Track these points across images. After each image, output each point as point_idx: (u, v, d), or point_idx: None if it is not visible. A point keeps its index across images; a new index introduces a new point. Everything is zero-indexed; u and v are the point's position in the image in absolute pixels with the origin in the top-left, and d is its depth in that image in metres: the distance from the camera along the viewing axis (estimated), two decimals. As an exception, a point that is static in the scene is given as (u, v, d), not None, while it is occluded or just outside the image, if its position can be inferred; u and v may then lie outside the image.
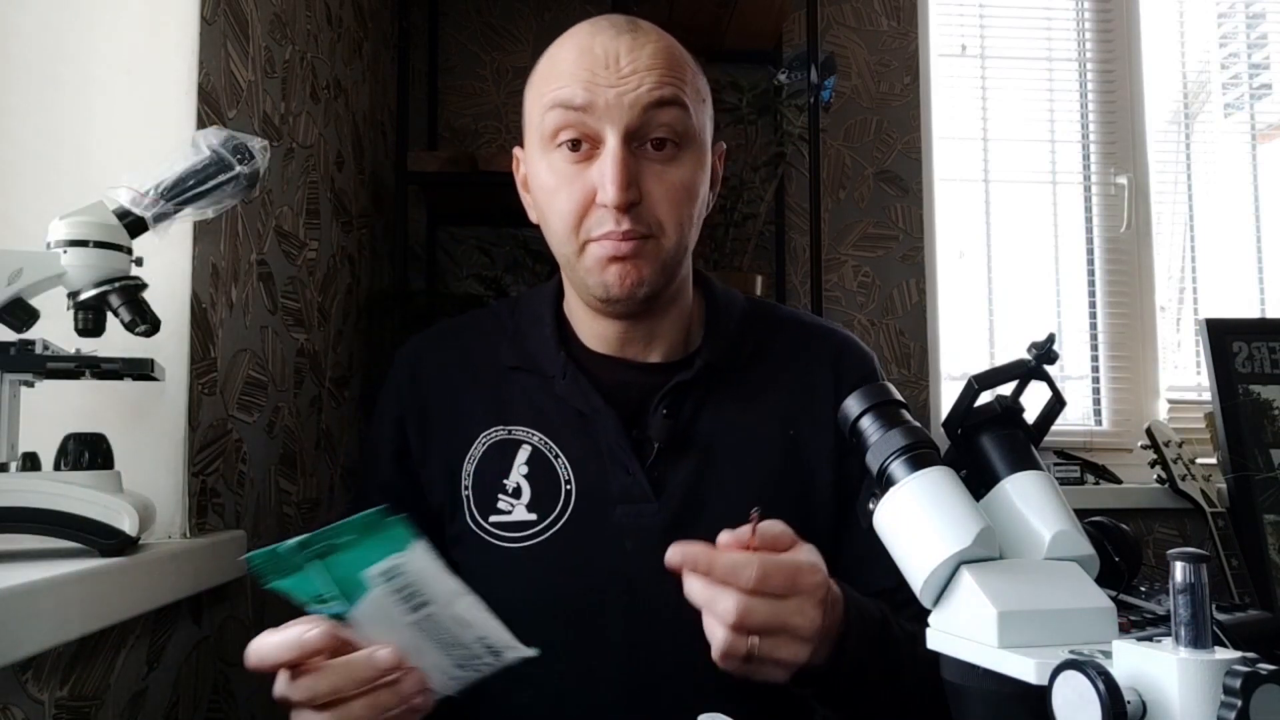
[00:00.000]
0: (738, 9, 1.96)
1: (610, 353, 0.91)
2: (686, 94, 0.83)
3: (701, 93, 0.87)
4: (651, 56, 0.81)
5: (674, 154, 0.83)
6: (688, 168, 0.84)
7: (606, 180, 0.80)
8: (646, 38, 0.83)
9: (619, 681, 0.84)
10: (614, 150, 0.80)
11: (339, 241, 1.58)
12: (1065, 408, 0.65)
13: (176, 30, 0.94)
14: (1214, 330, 2.09)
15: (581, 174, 0.82)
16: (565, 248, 0.85)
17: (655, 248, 0.83)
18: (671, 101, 0.81)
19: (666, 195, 0.82)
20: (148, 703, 0.87)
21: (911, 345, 2.25)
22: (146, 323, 0.77)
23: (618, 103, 0.80)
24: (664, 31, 0.86)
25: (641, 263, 0.83)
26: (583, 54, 0.82)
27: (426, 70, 2.13)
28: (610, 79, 0.80)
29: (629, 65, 0.81)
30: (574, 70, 0.81)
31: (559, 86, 0.81)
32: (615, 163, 0.79)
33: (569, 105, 0.80)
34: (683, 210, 0.84)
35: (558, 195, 0.83)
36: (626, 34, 0.82)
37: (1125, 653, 0.45)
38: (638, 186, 0.81)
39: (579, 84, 0.80)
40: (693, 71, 0.86)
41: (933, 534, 0.55)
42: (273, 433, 1.22)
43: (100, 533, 0.73)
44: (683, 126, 0.82)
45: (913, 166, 2.28)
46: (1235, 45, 2.49)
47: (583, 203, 0.82)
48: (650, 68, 0.81)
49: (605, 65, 0.80)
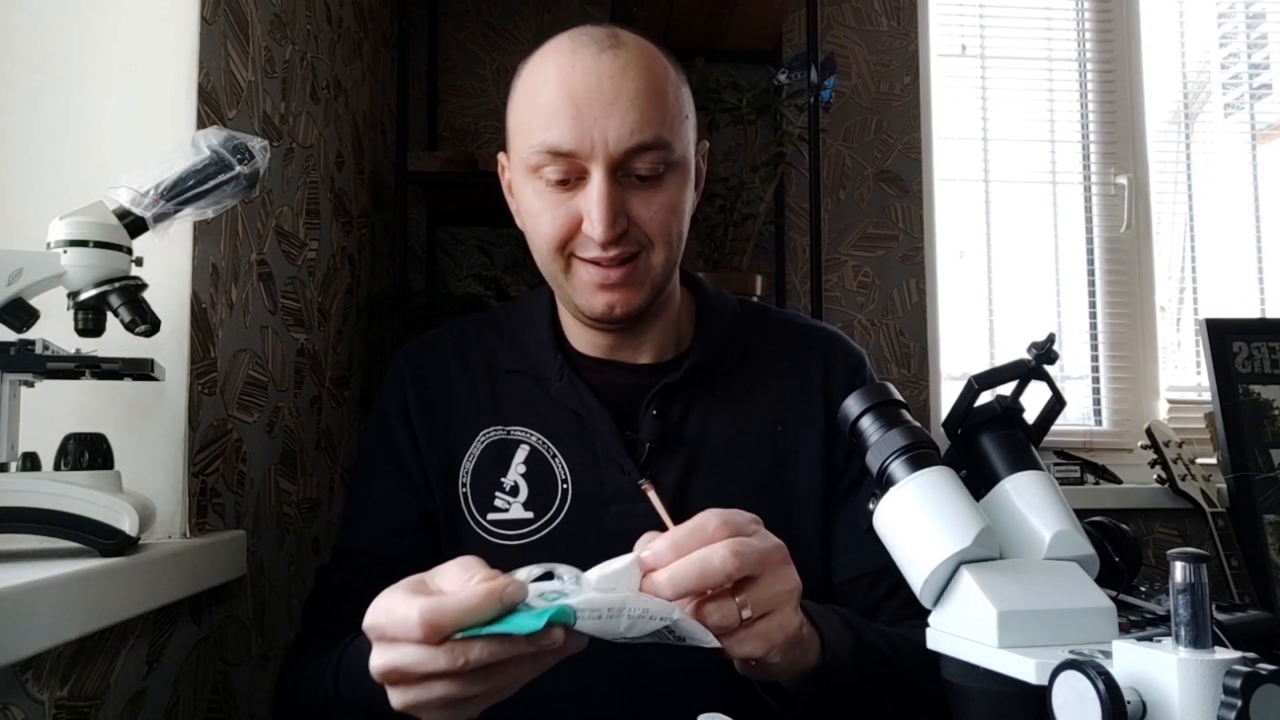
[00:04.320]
0: (737, 9, 1.96)
1: (601, 355, 0.92)
2: (669, 126, 0.82)
3: (684, 110, 0.85)
4: (634, 84, 0.80)
5: (659, 181, 0.83)
6: (674, 189, 0.84)
7: (594, 218, 0.80)
8: (629, 55, 0.81)
9: (615, 682, 0.84)
10: (600, 186, 0.80)
11: (339, 241, 1.58)
12: (1065, 408, 0.65)
13: (176, 30, 0.94)
14: (1214, 330, 2.09)
15: (566, 201, 0.82)
16: (551, 265, 0.86)
17: (645, 264, 0.84)
18: (654, 145, 0.80)
19: (654, 216, 0.83)
20: (148, 703, 0.87)
21: (911, 345, 2.25)
22: (146, 323, 0.77)
23: (602, 141, 0.79)
24: (645, 42, 0.84)
25: (630, 290, 0.84)
26: (563, 80, 0.80)
27: (426, 70, 2.13)
28: (594, 111, 0.79)
29: (611, 91, 0.79)
30: (556, 103, 0.80)
31: (544, 126, 0.80)
32: (602, 199, 0.79)
33: (556, 151, 0.80)
34: (671, 228, 0.84)
35: (542, 219, 0.83)
36: (608, 51, 0.81)
37: (1125, 653, 0.45)
38: (625, 215, 0.81)
39: (565, 123, 0.79)
40: (675, 90, 0.84)
41: (933, 534, 0.55)
42: (273, 433, 1.22)
43: (100, 533, 0.73)
44: (667, 160, 0.82)
45: (913, 166, 2.28)
46: (1235, 45, 2.49)
47: (568, 228, 0.82)
48: (634, 99, 0.79)
49: (586, 92, 0.79)
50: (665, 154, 0.82)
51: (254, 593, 1.14)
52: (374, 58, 1.87)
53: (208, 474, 0.98)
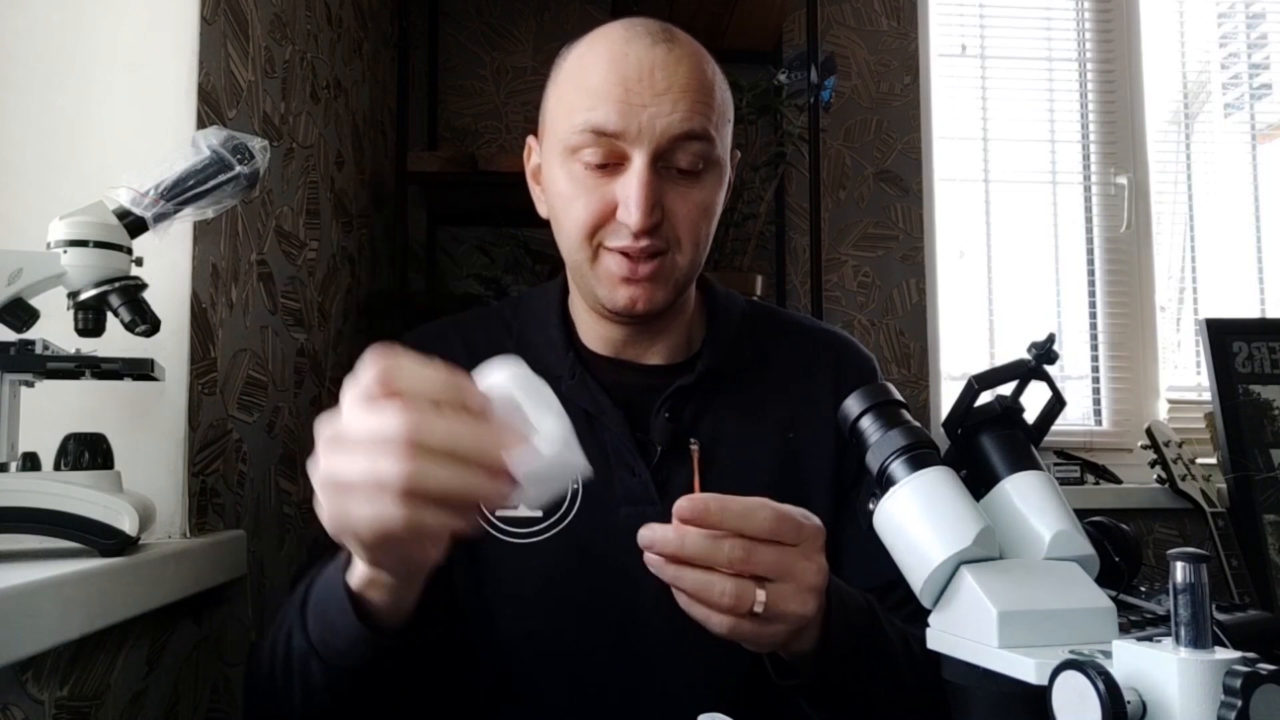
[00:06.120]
0: (738, 9, 1.96)
1: (611, 354, 0.91)
2: (714, 122, 0.82)
3: (727, 112, 0.86)
4: (686, 78, 0.80)
5: (697, 177, 0.82)
6: (710, 189, 0.84)
7: (631, 203, 0.79)
8: (682, 51, 0.82)
9: (620, 682, 0.84)
10: (641, 173, 0.79)
11: (339, 241, 1.58)
12: (1065, 408, 0.65)
13: (176, 30, 0.94)
14: (1214, 330, 2.09)
15: (601, 186, 0.81)
16: (578, 254, 0.84)
17: (670, 264, 0.83)
18: (700, 136, 0.80)
19: (688, 215, 0.82)
20: (148, 703, 0.87)
21: (911, 345, 2.25)
22: (146, 323, 0.77)
23: (649, 126, 0.78)
24: (697, 43, 0.84)
25: (654, 286, 0.83)
26: (615, 64, 0.80)
27: (426, 70, 2.13)
28: (643, 97, 0.79)
29: (663, 82, 0.79)
30: (606, 86, 0.79)
31: (590, 106, 0.80)
32: (641, 186, 0.79)
33: (601, 131, 0.79)
34: (701, 229, 0.84)
35: (575, 203, 0.82)
36: (662, 44, 0.81)
37: (1125, 653, 0.45)
38: (661, 207, 0.81)
39: (612, 105, 0.79)
40: (721, 90, 0.85)
41: (933, 534, 0.55)
42: (273, 433, 1.22)
43: (100, 533, 0.73)
44: (709, 155, 0.82)
45: (913, 166, 2.28)
46: (1235, 45, 2.49)
47: (601, 214, 0.81)
48: (684, 91, 0.79)
49: (639, 79, 0.79)
50: (708, 148, 0.81)
51: (254, 593, 1.14)
52: (374, 58, 1.87)
53: (208, 474, 0.98)
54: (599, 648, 0.84)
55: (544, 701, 0.85)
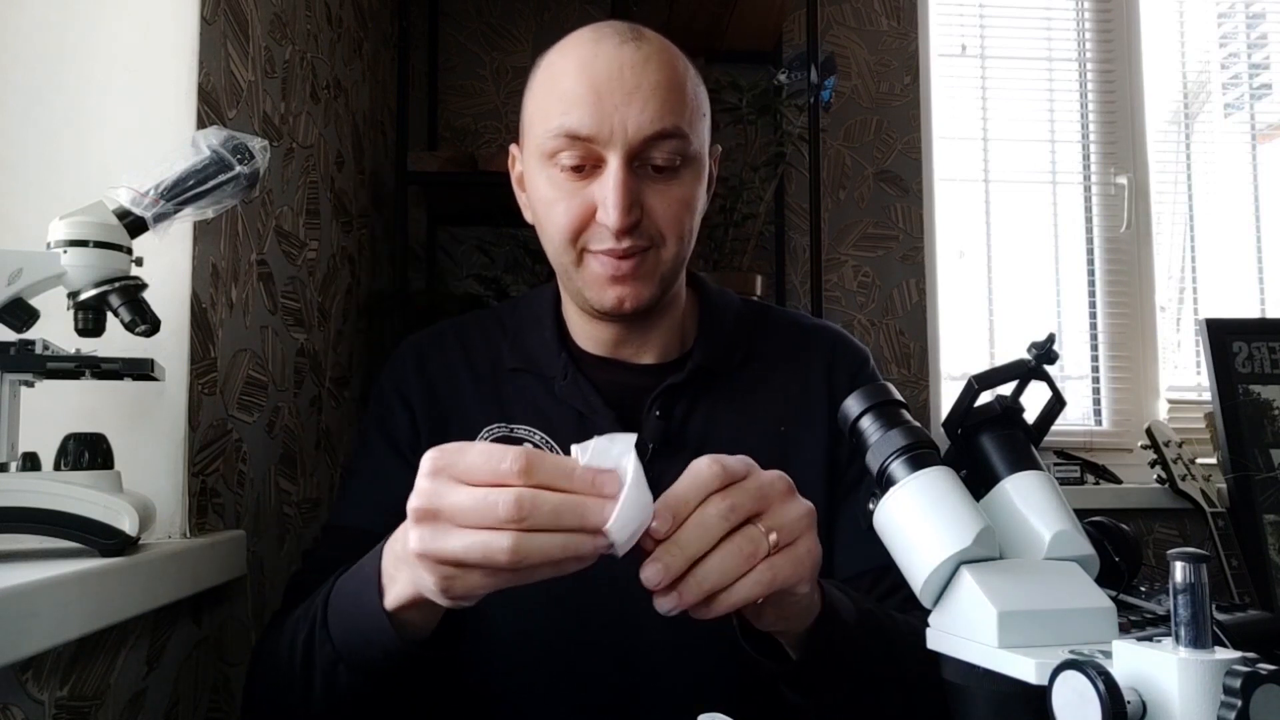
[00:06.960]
0: (738, 9, 1.96)
1: (604, 354, 0.92)
2: (687, 118, 0.82)
3: (702, 108, 0.86)
4: (655, 76, 0.80)
5: (674, 173, 0.83)
6: (688, 184, 0.84)
7: (609, 204, 0.80)
8: (650, 48, 0.82)
9: (618, 682, 0.84)
10: (616, 174, 0.80)
11: (339, 241, 1.58)
12: (1065, 408, 0.65)
13: (176, 30, 0.94)
14: (1214, 330, 2.09)
15: (581, 190, 0.82)
16: (563, 258, 0.85)
17: (655, 259, 0.84)
18: (674, 133, 0.81)
19: (668, 210, 0.83)
20: (148, 703, 0.87)
21: (911, 345, 2.25)
22: (146, 323, 0.77)
23: (621, 128, 0.79)
24: (665, 40, 0.85)
25: (640, 284, 0.84)
26: (585, 68, 0.81)
27: (426, 70, 2.14)
28: (614, 98, 0.79)
29: (633, 80, 0.80)
30: (578, 90, 0.80)
31: (564, 111, 0.80)
32: (617, 186, 0.79)
33: (574, 135, 0.80)
34: (683, 223, 0.84)
35: (555, 208, 0.83)
36: (630, 44, 0.81)
37: (1125, 653, 0.45)
38: (639, 206, 0.81)
39: (585, 108, 0.79)
40: (694, 86, 0.85)
41: (933, 534, 0.55)
42: (273, 433, 1.22)
43: (100, 533, 0.73)
44: (684, 151, 0.82)
45: (913, 166, 2.28)
46: (1235, 45, 2.49)
47: (581, 217, 0.82)
48: (654, 89, 0.80)
49: (609, 80, 0.80)
50: (683, 145, 0.82)
51: (254, 593, 1.14)
52: (374, 58, 1.87)
53: (208, 474, 0.98)
54: (596, 649, 0.84)
55: (542, 702, 0.85)
